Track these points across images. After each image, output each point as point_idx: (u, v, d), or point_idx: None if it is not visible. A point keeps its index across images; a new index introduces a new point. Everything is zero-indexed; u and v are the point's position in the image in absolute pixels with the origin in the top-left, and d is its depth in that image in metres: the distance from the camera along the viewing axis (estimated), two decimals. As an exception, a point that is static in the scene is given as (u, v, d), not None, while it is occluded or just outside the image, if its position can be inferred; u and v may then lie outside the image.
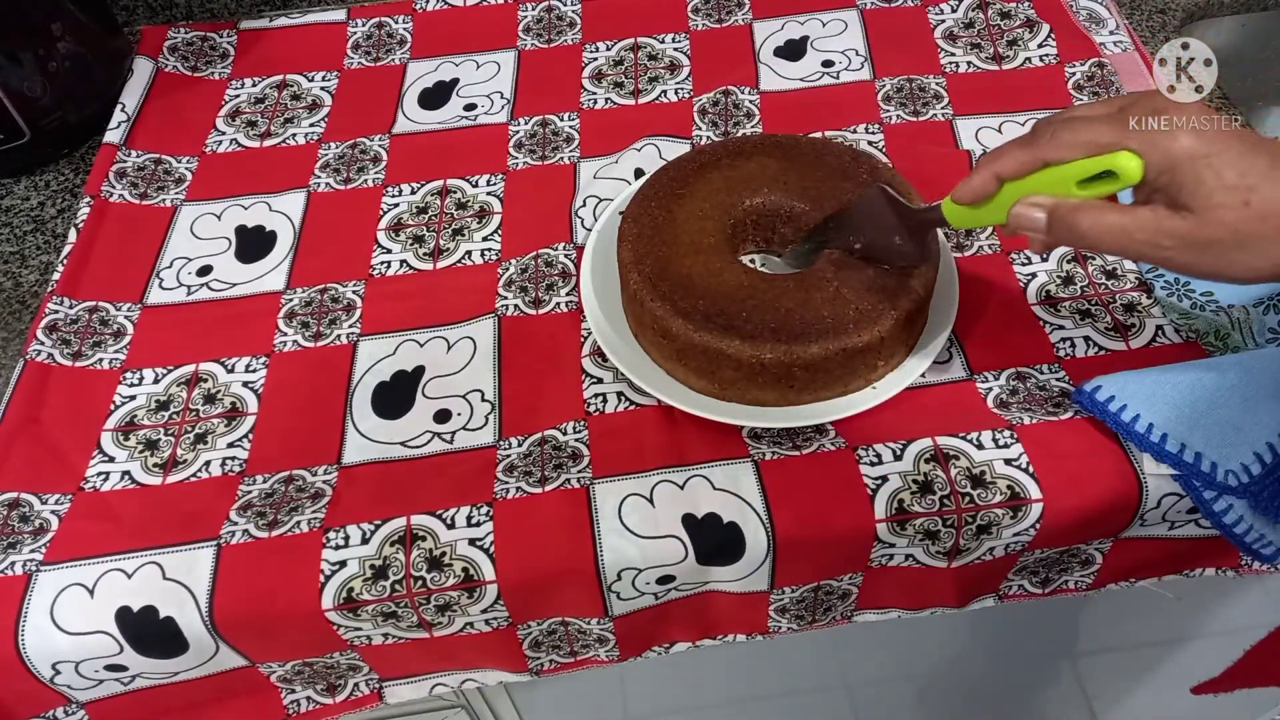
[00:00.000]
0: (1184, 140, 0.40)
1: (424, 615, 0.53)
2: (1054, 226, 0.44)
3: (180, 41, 0.85)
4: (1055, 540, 0.56)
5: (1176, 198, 0.41)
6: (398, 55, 0.84)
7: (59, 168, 0.80)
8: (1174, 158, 0.40)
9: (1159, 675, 0.92)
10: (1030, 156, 0.44)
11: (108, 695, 0.55)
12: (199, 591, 0.53)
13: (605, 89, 0.79)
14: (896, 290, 0.55)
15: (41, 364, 0.63)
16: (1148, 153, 0.40)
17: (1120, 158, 0.41)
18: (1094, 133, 0.42)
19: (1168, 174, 0.40)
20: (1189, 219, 0.40)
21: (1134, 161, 0.41)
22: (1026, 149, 0.44)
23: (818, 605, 0.60)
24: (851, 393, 0.57)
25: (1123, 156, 0.41)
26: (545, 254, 0.68)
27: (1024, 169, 0.44)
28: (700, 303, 0.56)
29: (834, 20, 0.82)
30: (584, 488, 0.55)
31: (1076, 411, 0.56)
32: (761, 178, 0.63)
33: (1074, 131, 0.42)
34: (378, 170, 0.75)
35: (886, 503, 0.53)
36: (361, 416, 0.61)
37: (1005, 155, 0.45)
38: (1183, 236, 0.41)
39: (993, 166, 0.46)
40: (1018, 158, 0.44)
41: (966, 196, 0.48)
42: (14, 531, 0.55)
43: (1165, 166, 0.40)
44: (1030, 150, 0.44)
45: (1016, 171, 0.45)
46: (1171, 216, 0.41)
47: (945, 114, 0.74)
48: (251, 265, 0.69)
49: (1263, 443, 0.52)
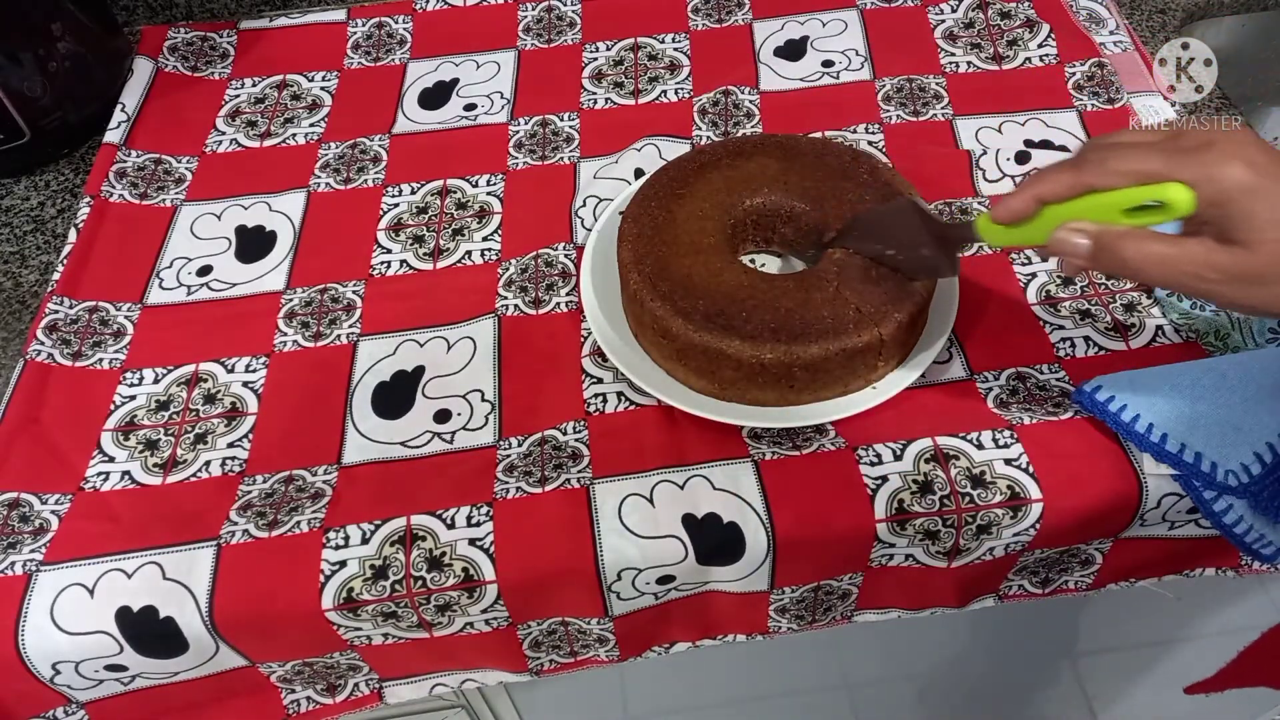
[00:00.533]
0: (1236, 173, 0.39)
1: (424, 615, 0.53)
2: (1098, 254, 0.43)
3: (180, 41, 0.85)
4: (1055, 540, 0.56)
5: (1226, 231, 0.40)
6: (398, 55, 0.84)
7: (59, 168, 0.80)
8: (1225, 191, 0.39)
9: (1159, 675, 0.92)
10: (1076, 181, 0.43)
11: (108, 695, 0.55)
12: (199, 591, 0.53)
13: (605, 89, 0.79)
14: (898, 291, 0.55)
15: (41, 364, 0.63)
16: (1200, 185, 0.39)
17: (1171, 190, 0.40)
18: (1143, 161, 0.41)
19: (1218, 207, 0.39)
20: (1237, 253, 0.40)
21: (1186, 194, 0.40)
22: (1072, 173, 0.43)
23: (818, 605, 0.60)
24: (851, 393, 0.57)
25: (1174, 189, 0.40)
26: (545, 254, 0.68)
27: (1068, 193, 0.43)
28: (700, 303, 0.56)
29: (834, 20, 0.82)
30: (584, 488, 0.55)
31: (1076, 411, 0.56)
32: (761, 178, 0.63)
33: (1122, 159, 0.41)
34: (378, 170, 0.75)
35: (886, 503, 0.53)
36: (361, 416, 0.61)
37: (1049, 178, 0.44)
38: (1230, 270, 0.40)
39: (1035, 189, 0.45)
40: (1062, 181, 0.43)
41: (1006, 217, 0.46)
42: (14, 531, 0.55)
43: (1216, 199, 0.39)
44: (1076, 175, 0.43)
45: (1060, 195, 0.44)
46: (1220, 249, 0.40)
47: (945, 114, 0.74)
48: (251, 265, 0.69)
49: (1263, 443, 0.52)
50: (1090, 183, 0.42)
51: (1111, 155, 0.42)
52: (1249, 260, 0.39)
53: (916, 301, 0.55)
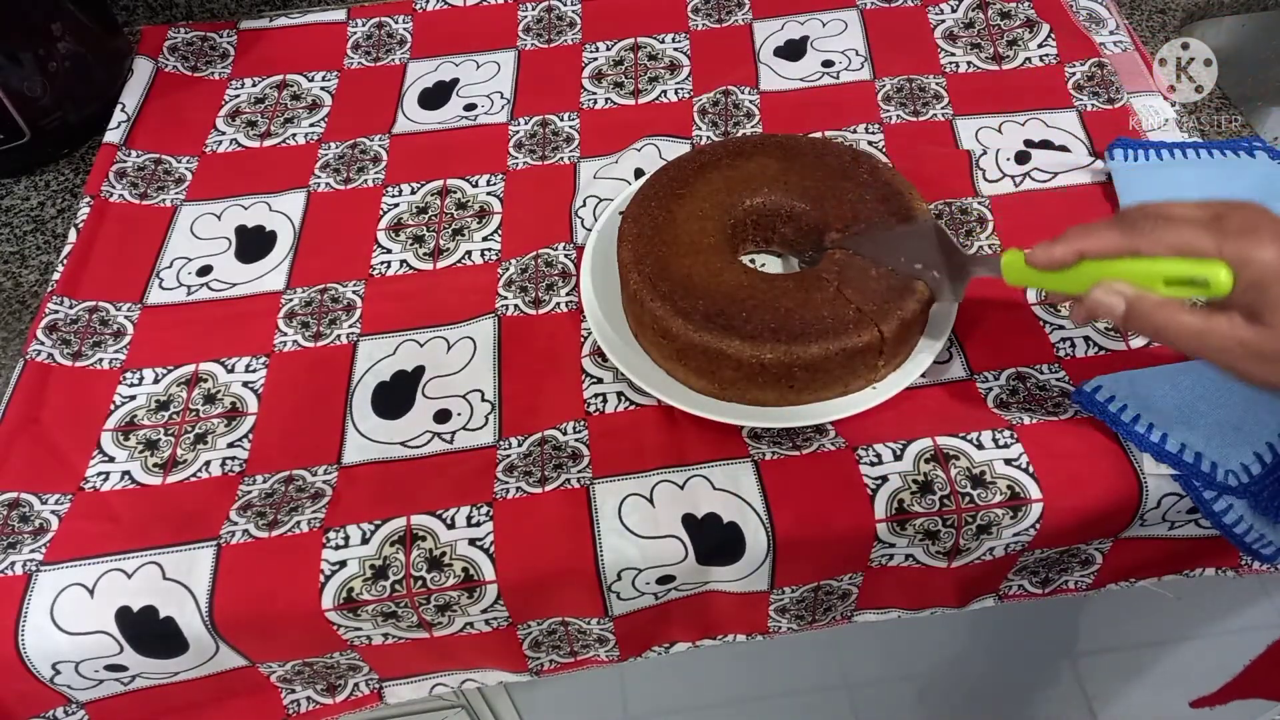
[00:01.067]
0: (1273, 256, 0.40)
1: (424, 615, 0.53)
2: (1131, 317, 0.44)
3: (180, 41, 0.85)
4: (1055, 540, 0.56)
5: (1256, 311, 0.41)
6: (398, 55, 0.84)
7: (59, 168, 0.80)
8: (1263, 275, 0.40)
9: (1159, 675, 0.92)
10: (1125, 244, 0.44)
11: (108, 695, 0.55)
12: (199, 591, 0.53)
13: (605, 89, 0.79)
14: (900, 290, 0.55)
15: (41, 364, 0.63)
16: (1240, 269, 0.41)
17: (1217, 271, 0.41)
18: (1190, 237, 0.42)
19: (1253, 290, 0.41)
20: (1263, 332, 0.41)
21: (1228, 277, 0.41)
22: (1121, 236, 0.44)
23: (818, 605, 0.60)
24: (851, 393, 0.57)
25: (1219, 270, 0.41)
26: (545, 254, 0.68)
27: (1114, 253, 0.45)
28: (700, 303, 0.56)
29: (834, 20, 0.82)
30: (584, 488, 0.55)
31: (1076, 411, 0.56)
32: (761, 178, 0.63)
33: (1170, 231, 0.43)
34: (378, 170, 0.75)
35: (886, 503, 0.53)
36: (361, 416, 0.61)
37: (1096, 235, 0.45)
38: (1255, 347, 0.42)
39: (1080, 243, 0.46)
40: (1110, 241, 0.45)
41: (1045, 263, 0.47)
42: (14, 531, 0.55)
43: (1253, 283, 0.41)
44: (1126, 239, 0.44)
45: (1104, 254, 0.45)
46: (1246, 327, 0.42)
47: (945, 114, 0.74)
48: (251, 265, 0.69)
49: (1262, 443, 0.52)
50: (1139, 248, 0.44)
51: (1161, 227, 0.43)
52: (1273, 340, 0.41)
53: (918, 300, 0.55)
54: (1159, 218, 0.44)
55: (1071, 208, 0.67)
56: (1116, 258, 0.45)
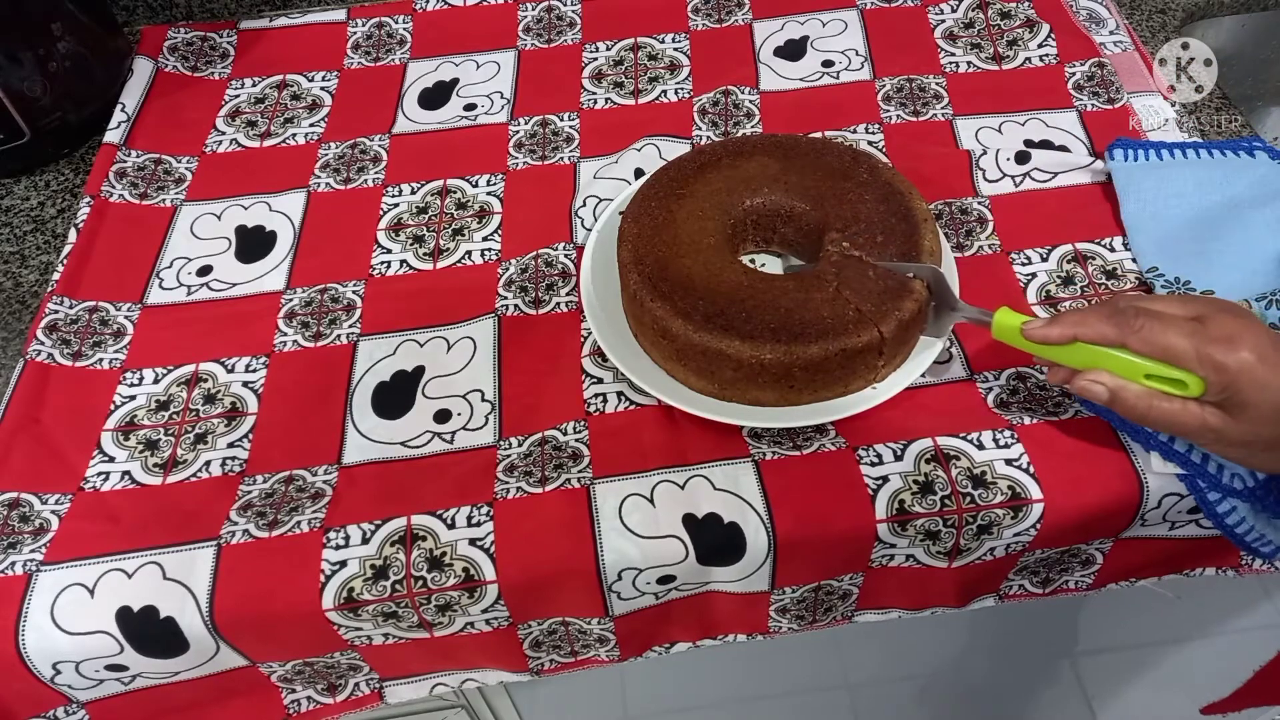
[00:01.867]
0: (1249, 365, 0.45)
1: (424, 615, 0.53)
2: (1115, 402, 0.49)
3: (180, 41, 0.85)
4: (1056, 540, 0.56)
5: (1227, 407, 0.47)
6: (398, 55, 0.84)
7: (59, 168, 0.80)
8: (1235, 379, 0.45)
9: (1159, 675, 0.92)
10: (1115, 337, 0.49)
11: (108, 695, 0.55)
12: (199, 591, 0.52)
13: (605, 89, 0.79)
14: (899, 290, 0.55)
15: (41, 364, 0.63)
16: (1213, 377, 0.46)
17: (1190, 381, 0.47)
18: (1174, 339, 0.47)
19: (1227, 390, 0.46)
20: (1230, 423, 0.47)
21: (1200, 385, 0.47)
22: (1113, 329, 0.49)
23: (818, 605, 0.60)
24: (851, 393, 0.57)
25: (1192, 381, 0.47)
26: (545, 254, 0.68)
27: (1104, 343, 0.49)
28: (700, 303, 0.56)
29: (834, 20, 0.82)
30: (584, 488, 0.55)
31: (1077, 411, 0.56)
32: (762, 178, 0.63)
33: (1157, 332, 0.47)
34: (378, 170, 0.75)
35: (887, 503, 0.53)
36: (361, 416, 0.61)
37: (1090, 324, 0.49)
38: (1223, 435, 0.47)
39: (1076, 330, 0.50)
40: (1102, 332, 0.49)
41: (1039, 339, 0.51)
42: (14, 531, 0.55)
43: (1225, 385, 0.46)
44: (1117, 333, 0.49)
45: (1096, 342, 0.49)
46: (1217, 416, 0.47)
47: (945, 114, 0.74)
48: (251, 265, 0.69)
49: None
50: (1126, 343, 0.48)
51: (1149, 326, 0.48)
52: (1237, 429, 0.47)
53: (916, 300, 0.55)
54: (1148, 313, 0.48)
55: (1071, 208, 0.67)
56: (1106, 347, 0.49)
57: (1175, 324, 0.47)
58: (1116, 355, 0.49)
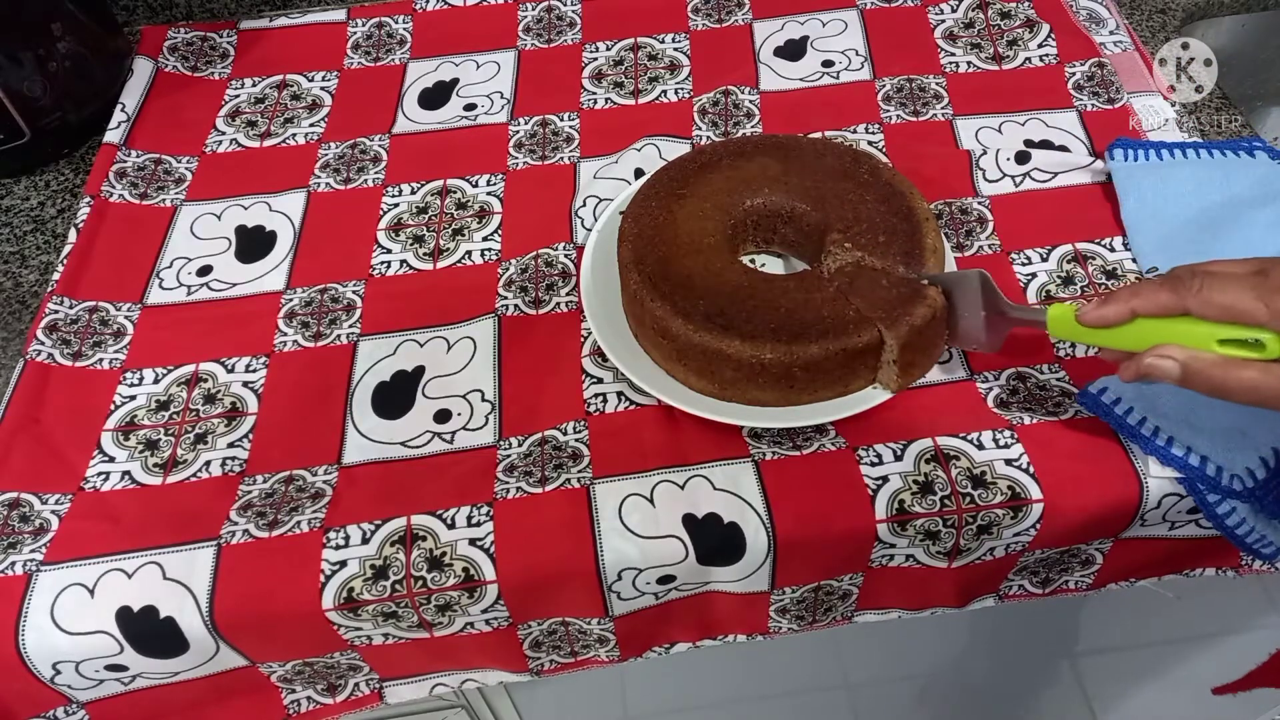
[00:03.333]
0: None
1: (424, 615, 0.53)
2: (1189, 377, 0.45)
3: (180, 41, 0.85)
4: (1056, 540, 0.56)
5: None
6: (398, 55, 0.84)
7: (59, 168, 0.80)
8: None
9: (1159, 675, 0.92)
10: (1175, 303, 0.45)
11: (108, 695, 0.55)
12: (199, 591, 0.52)
13: (605, 89, 0.79)
14: (910, 298, 0.54)
15: (41, 364, 0.63)
16: None
17: (1268, 339, 0.43)
18: (1237, 297, 0.43)
19: None
20: None
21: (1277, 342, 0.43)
22: (1171, 295, 0.45)
23: (818, 605, 0.60)
24: (851, 393, 0.57)
25: (1269, 338, 0.42)
26: (545, 254, 0.68)
27: (1164, 313, 0.45)
28: (700, 303, 0.56)
29: (834, 20, 0.82)
30: (584, 488, 0.55)
31: (1077, 412, 0.56)
32: (762, 178, 0.63)
33: (1218, 290, 0.44)
34: (378, 170, 0.75)
35: (887, 503, 0.53)
36: (361, 416, 0.61)
37: (1145, 295, 0.46)
38: None
39: (1132, 303, 0.46)
40: (1160, 301, 0.45)
41: (1096, 322, 0.48)
42: (14, 531, 0.55)
43: None
44: (1175, 298, 0.45)
45: (1155, 313, 0.46)
46: None
47: (945, 114, 0.74)
48: (251, 265, 0.69)
49: (1268, 448, 0.52)
50: (1188, 307, 0.44)
51: (1209, 285, 0.44)
52: None
53: (929, 306, 0.54)
54: (1207, 274, 0.44)
55: (1071, 208, 0.67)
56: (1166, 316, 0.45)
57: (1236, 280, 0.44)
58: (1182, 325, 0.45)
